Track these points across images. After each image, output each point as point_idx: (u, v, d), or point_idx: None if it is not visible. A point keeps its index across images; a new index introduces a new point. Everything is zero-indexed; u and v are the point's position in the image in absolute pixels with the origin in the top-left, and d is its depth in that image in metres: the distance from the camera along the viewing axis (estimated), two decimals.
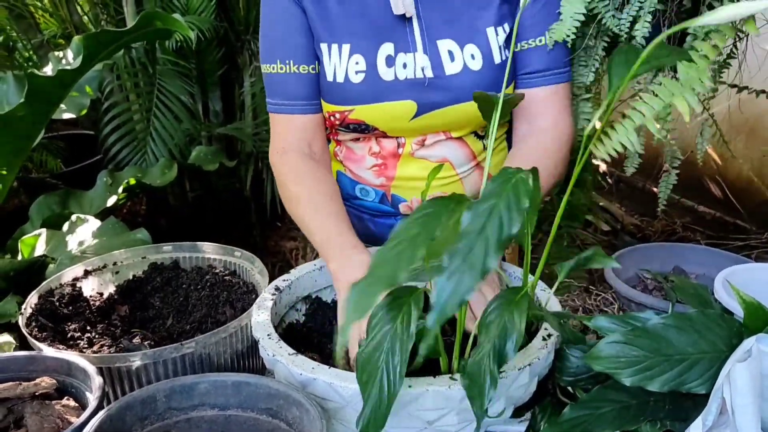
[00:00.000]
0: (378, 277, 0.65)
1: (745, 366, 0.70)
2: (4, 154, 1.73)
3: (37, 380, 0.82)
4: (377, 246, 0.91)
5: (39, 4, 3.14)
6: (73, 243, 1.70)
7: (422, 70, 1.10)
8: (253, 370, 1.04)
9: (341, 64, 1.11)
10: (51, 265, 1.57)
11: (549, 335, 0.86)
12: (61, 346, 0.97)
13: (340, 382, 0.77)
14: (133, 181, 2.20)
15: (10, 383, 0.81)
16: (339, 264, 1.00)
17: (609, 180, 3.55)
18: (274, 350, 0.83)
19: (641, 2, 1.12)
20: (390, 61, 1.11)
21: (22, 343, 1.32)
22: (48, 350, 0.91)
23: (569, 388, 0.89)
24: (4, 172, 1.80)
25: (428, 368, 0.86)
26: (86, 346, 1.00)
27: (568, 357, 0.88)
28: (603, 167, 3.95)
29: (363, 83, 1.11)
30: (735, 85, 1.16)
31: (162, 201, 3.02)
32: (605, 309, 1.18)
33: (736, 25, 0.71)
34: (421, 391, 0.76)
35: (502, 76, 1.10)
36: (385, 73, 1.11)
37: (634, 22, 1.15)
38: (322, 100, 1.17)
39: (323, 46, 1.13)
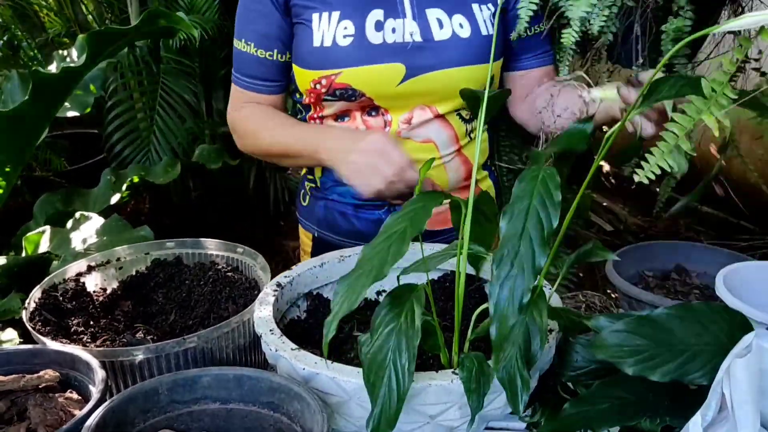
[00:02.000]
0: (366, 270, 0.66)
1: (744, 362, 0.70)
2: (8, 151, 1.74)
3: (41, 373, 0.83)
4: (361, 243, 0.92)
5: (44, 3, 3.16)
6: (77, 240, 1.71)
7: (411, 35, 1.14)
8: (254, 364, 1.05)
9: (330, 29, 1.15)
10: (55, 262, 1.57)
11: (551, 330, 0.86)
12: (64, 341, 0.97)
13: (342, 377, 0.77)
14: (136, 179, 2.21)
15: (14, 376, 0.82)
16: (326, 145, 1.14)
17: (612, 180, 3.56)
18: (277, 345, 0.84)
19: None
20: (379, 26, 1.15)
21: (26, 339, 1.33)
22: (51, 344, 0.92)
23: (570, 384, 0.90)
24: (9, 170, 1.80)
25: (429, 363, 0.87)
26: (89, 340, 1.00)
27: (569, 352, 0.88)
28: (606, 167, 3.95)
29: (351, 46, 1.15)
30: (758, 69, 1.16)
31: (165, 199, 3.04)
32: (609, 309, 1.19)
33: (755, 36, 0.72)
34: (424, 386, 0.76)
35: (489, 47, 1.13)
36: (374, 37, 1.15)
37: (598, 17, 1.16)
38: (308, 69, 1.19)
39: (314, 16, 1.17)
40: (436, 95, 1.18)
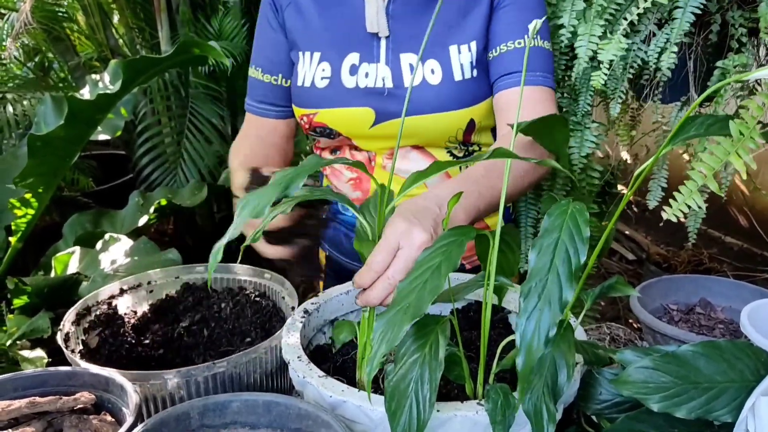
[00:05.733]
0: (404, 307, 0.67)
1: None
2: (42, 173, 1.78)
3: (77, 395, 0.85)
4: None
5: (75, 27, 3.24)
6: (105, 261, 1.74)
7: (383, 80, 1.16)
8: (281, 389, 1.06)
9: (310, 69, 1.20)
10: (84, 283, 1.60)
11: (576, 363, 0.87)
12: (98, 363, 0.99)
13: (369, 405, 0.79)
14: (164, 202, 2.24)
15: (51, 397, 0.84)
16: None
17: (635, 209, 3.55)
18: (305, 372, 0.85)
19: (668, 35, 1.15)
20: (353, 70, 1.18)
21: (54, 358, 1.35)
22: (86, 366, 0.94)
23: (594, 418, 0.90)
24: (41, 191, 1.85)
25: (454, 393, 0.88)
26: (120, 362, 1.03)
27: (594, 385, 0.89)
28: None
29: (326, 88, 1.19)
30: (759, 122, 1.17)
31: (190, 220, 3.07)
32: (634, 342, 1.19)
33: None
34: (449, 416, 0.77)
35: (461, 93, 1.15)
36: (348, 81, 1.18)
37: (661, 54, 1.17)
38: (294, 105, 1.26)
39: (300, 54, 1.22)
40: (411, 138, 1.20)
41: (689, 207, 0.73)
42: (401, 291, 0.74)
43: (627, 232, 3.62)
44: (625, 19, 1.18)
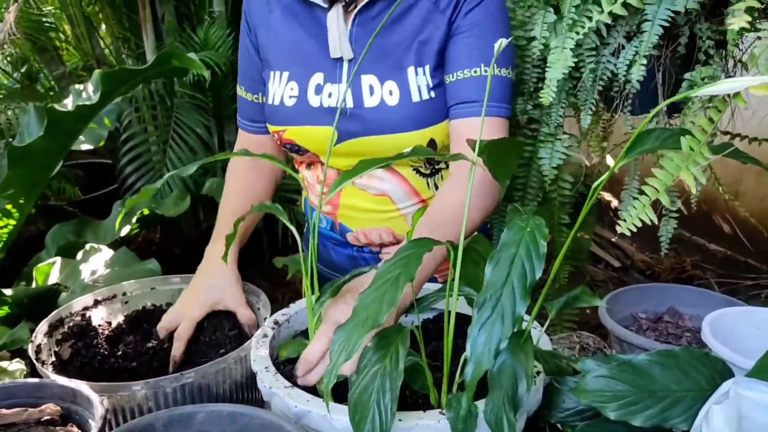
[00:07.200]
0: (362, 319, 0.68)
1: (722, 408, 0.72)
2: (23, 184, 1.79)
3: (43, 407, 0.86)
4: (339, 275, 0.97)
5: (62, 37, 3.24)
6: (86, 272, 1.74)
7: (344, 100, 1.18)
8: (251, 401, 1.07)
9: (280, 88, 1.23)
10: (63, 294, 1.60)
11: (538, 372, 0.88)
12: (67, 375, 1.00)
13: (333, 415, 0.80)
14: (146, 212, 2.25)
15: (17, 409, 0.85)
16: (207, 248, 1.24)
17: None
18: (271, 383, 0.86)
19: (637, 47, 1.17)
20: (318, 90, 1.20)
21: (33, 370, 1.36)
22: (55, 377, 0.95)
23: (559, 426, 0.91)
24: (22, 202, 1.85)
25: (419, 402, 0.89)
26: (92, 374, 1.03)
27: (557, 394, 0.90)
28: (615, 203, 3.96)
29: (294, 106, 1.22)
30: (728, 132, 1.19)
31: (176, 230, 3.07)
32: (603, 350, 1.20)
33: (730, 100, 0.75)
34: (411, 425, 0.78)
35: (420, 114, 1.17)
36: (313, 100, 1.21)
37: (630, 66, 1.19)
38: (267, 123, 1.30)
39: (271, 73, 1.25)
40: (375, 156, 1.21)
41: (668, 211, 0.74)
42: (361, 303, 0.75)
43: (613, 240, 3.64)
44: (595, 32, 1.20)
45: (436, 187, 1.27)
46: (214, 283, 1.18)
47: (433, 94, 1.17)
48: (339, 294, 0.98)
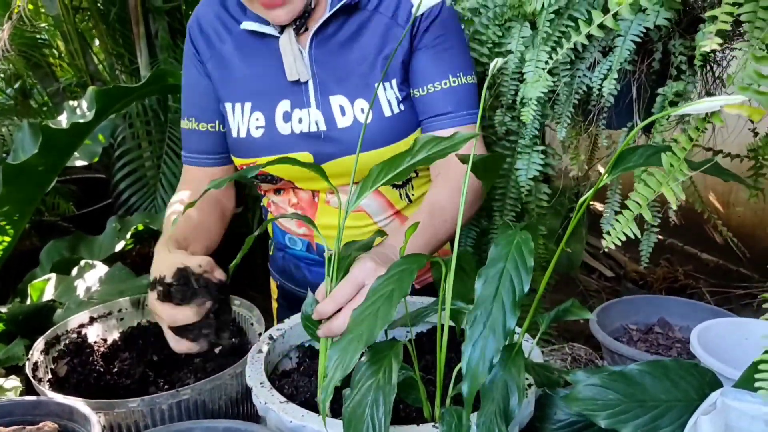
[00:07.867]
0: (357, 335, 0.69)
1: (709, 419, 0.73)
2: (17, 201, 1.80)
3: (41, 424, 0.87)
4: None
5: (56, 53, 3.26)
6: (81, 288, 1.75)
7: (316, 123, 1.19)
8: (246, 416, 1.08)
9: (243, 121, 1.21)
10: (59, 311, 1.61)
11: (530, 385, 0.89)
12: (64, 392, 1.00)
13: (328, 430, 0.81)
14: (141, 227, 2.26)
15: (15, 427, 0.86)
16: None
17: None
18: (266, 398, 0.87)
19: (611, 62, 1.19)
20: (287, 117, 1.20)
21: (28, 387, 1.36)
22: (52, 395, 0.95)
23: None
24: (16, 218, 1.86)
25: (413, 416, 0.90)
26: (88, 391, 1.04)
27: (549, 406, 0.91)
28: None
29: (263, 137, 1.21)
30: (710, 149, 1.20)
31: None
32: (594, 362, 1.22)
33: (708, 118, 0.77)
34: None
35: (394, 126, 1.18)
36: (283, 128, 1.20)
37: (604, 80, 1.20)
38: (233, 156, 1.27)
39: (228, 106, 1.23)
40: (347, 176, 1.23)
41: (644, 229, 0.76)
42: (354, 319, 0.76)
43: (606, 250, 3.66)
44: (570, 47, 1.21)
45: (408, 198, 1.29)
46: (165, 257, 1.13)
47: (402, 107, 1.19)
48: (367, 253, 0.97)
